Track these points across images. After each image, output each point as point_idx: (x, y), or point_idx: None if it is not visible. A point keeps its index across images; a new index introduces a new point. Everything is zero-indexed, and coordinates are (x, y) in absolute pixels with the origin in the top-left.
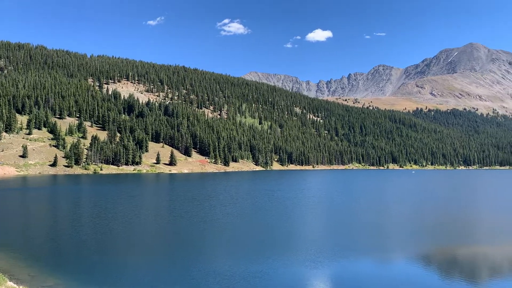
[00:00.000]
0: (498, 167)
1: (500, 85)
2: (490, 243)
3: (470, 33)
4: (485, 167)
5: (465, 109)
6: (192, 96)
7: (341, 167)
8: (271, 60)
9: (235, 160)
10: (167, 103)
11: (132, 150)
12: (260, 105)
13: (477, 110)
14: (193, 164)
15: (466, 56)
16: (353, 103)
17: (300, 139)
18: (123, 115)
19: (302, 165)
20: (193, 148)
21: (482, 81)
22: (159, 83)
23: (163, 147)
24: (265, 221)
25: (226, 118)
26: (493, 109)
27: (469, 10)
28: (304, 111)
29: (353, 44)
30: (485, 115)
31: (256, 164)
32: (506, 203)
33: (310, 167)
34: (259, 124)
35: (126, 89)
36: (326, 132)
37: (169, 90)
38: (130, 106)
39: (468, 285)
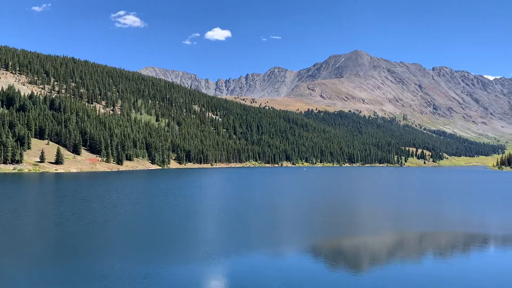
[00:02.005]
0: (377, 164)
1: (380, 90)
2: (370, 233)
3: (355, 40)
4: (366, 165)
5: (350, 111)
6: (82, 90)
7: (238, 164)
8: (169, 56)
9: (129, 159)
10: (54, 96)
11: (11, 147)
12: (157, 102)
13: (360, 112)
14: (82, 162)
15: (352, 62)
16: (251, 102)
17: (199, 137)
18: (1, 109)
19: (200, 163)
20: (83, 145)
21: (365, 86)
22: (45, 75)
23: (48, 144)
24: (159, 220)
25: (120, 114)
26: (374, 111)
27: (355, 19)
28: (203, 109)
29: (251, 45)
30: (367, 117)
31: (152, 163)
32: (383, 197)
33: (208, 165)
34: (156, 121)
35: (5, 80)
36: (225, 130)
37: (55, 83)
38: (9, 98)
39: (352, 273)
